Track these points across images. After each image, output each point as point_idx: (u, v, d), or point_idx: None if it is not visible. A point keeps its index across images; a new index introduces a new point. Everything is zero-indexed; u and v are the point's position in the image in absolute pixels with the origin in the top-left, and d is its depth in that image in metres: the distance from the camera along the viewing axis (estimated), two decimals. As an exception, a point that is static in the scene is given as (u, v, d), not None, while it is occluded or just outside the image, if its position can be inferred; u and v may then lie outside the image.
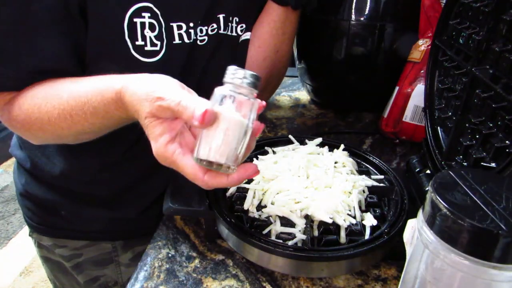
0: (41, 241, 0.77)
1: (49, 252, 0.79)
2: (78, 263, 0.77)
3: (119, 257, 0.78)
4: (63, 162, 0.69)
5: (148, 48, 0.57)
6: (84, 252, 0.76)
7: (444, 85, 0.57)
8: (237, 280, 0.49)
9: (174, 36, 0.60)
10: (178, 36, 0.60)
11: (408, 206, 0.53)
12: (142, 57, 0.57)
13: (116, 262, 0.78)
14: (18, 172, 0.77)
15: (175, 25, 0.59)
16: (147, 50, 0.57)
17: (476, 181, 0.34)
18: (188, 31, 0.61)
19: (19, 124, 0.58)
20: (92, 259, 0.77)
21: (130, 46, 0.56)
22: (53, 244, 0.76)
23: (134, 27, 0.55)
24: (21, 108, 0.56)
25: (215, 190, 0.55)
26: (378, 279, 0.50)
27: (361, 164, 0.63)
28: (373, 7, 0.81)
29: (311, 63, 0.94)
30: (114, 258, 0.78)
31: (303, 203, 0.51)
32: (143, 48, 0.57)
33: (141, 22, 0.56)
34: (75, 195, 0.72)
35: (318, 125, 0.90)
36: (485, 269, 0.29)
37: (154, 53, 0.58)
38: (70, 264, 0.77)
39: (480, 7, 0.49)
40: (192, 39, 0.61)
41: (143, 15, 0.55)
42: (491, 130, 0.45)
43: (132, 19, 0.55)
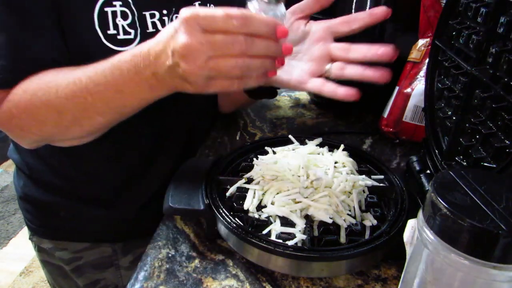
0: (41, 244, 0.77)
1: (49, 255, 0.78)
2: (78, 266, 0.77)
3: (119, 261, 0.77)
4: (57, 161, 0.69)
5: (121, 37, 0.57)
6: (84, 255, 0.76)
7: (444, 85, 0.57)
8: (237, 280, 0.49)
9: (147, 24, 0.59)
10: (152, 24, 0.59)
11: (408, 206, 0.53)
12: (115, 46, 0.57)
13: (116, 266, 0.78)
14: (17, 176, 0.76)
15: (147, 13, 0.58)
16: (120, 39, 0.57)
17: (476, 181, 0.34)
18: (161, 19, 0.60)
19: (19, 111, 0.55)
20: (92, 262, 0.76)
21: (101, 35, 0.56)
22: (53, 247, 0.76)
23: (105, 16, 0.55)
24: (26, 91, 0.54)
25: (215, 190, 0.55)
26: (378, 279, 0.50)
27: (361, 164, 0.63)
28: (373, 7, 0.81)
29: (311, 63, 0.94)
30: (114, 261, 0.77)
31: (303, 203, 0.51)
32: (115, 37, 0.56)
33: (112, 11, 0.55)
34: (73, 195, 0.72)
35: (318, 125, 0.90)
36: (485, 269, 0.29)
37: (128, 41, 0.57)
38: (70, 268, 0.77)
39: (480, 7, 0.49)
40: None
41: (114, 4, 0.55)
42: (491, 130, 0.45)
43: (103, 9, 0.55)
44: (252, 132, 0.86)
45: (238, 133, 0.85)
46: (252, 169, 0.59)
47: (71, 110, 0.53)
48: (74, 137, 0.59)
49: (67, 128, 0.56)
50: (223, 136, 0.84)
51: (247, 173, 0.58)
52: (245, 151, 0.65)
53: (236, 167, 0.62)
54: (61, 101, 0.52)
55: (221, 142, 0.82)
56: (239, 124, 0.89)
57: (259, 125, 0.89)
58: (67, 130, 0.57)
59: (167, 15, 0.60)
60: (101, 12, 0.55)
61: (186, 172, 0.60)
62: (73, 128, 0.56)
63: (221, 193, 0.56)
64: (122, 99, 0.52)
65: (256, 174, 0.57)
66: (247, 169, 0.60)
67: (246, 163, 0.62)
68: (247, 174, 0.58)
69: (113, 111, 0.54)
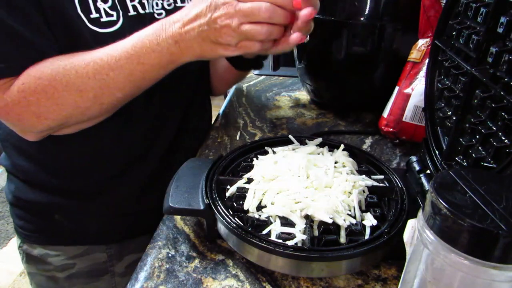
0: (32, 252, 0.74)
1: (41, 264, 0.75)
2: (71, 275, 0.74)
3: (114, 267, 0.76)
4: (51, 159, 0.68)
5: (104, 19, 0.57)
6: (77, 262, 0.74)
7: (444, 85, 0.57)
8: (237, 280, 0.49)
9: (128, 7, 0.60)
10: (132, 7, 0.60)
11: (408, 206, 0.53)
12: (100, 28, 0.57)
13: (111, 273, 0.76)
14: (8, 181, 0.75)
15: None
16: (103, 21, 0.57)
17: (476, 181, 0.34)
18: (141, 2, 0.61)
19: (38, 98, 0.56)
20: (85, 270, 0.74)
21: (85, 20, 0.56)
22: (45, 254, 0.74)
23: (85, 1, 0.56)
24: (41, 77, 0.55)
25: (215, 190, 0.55)
26: (378, 279, 0.50)
27: (361, 164, 0.63)
28: (373, 7, 0.81)
29: (311, 63, 0.94)
30: (109, 268, 0.76)
31: (303, 203, 0.51)
32: (99, 20, 0.57)
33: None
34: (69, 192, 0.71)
35: (318, 125, 0.90)
36: (485, 269, 0.29)
37: (111, 23, 0.58)
38: (63, 275, 0.74)
39: (480, 7, 0.49)
40: (147, 10, 0.62)
41: None
42: (491, 130, 0.45)
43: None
44: (252, 132, 0.86)
45: (238, 133, 0.85)
46: (252, 169, 0.59)
47: (93, 88, 0.56)
48: (91, 117, 0.60)
49: (87, 108, 0.58)
50: (223, 136, 0.84)
51: (247, 173, 0.58)
52: (245, 151, 0.65)
53: (236, 167, 0.62)
54: (83, 80, 0.55)
55: (221, 142, 0.82)
56: (239, 124, 0.90)
57: (259, 125, 0.89)
58: (87, 110, 0.58)
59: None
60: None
61: (186, 172, 0.60)
62: (93, 107, 0.58)
63: (221, 193, 0.56)
64: (143, 71, 0.56)
65: (256, 174, 0.57)
66: (247, 169, 0.60)
67: (246, 163, 0.62)
68: (247, 174, 0.58)
69: (132, 84, 0.57)
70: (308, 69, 0.95)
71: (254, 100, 1.02)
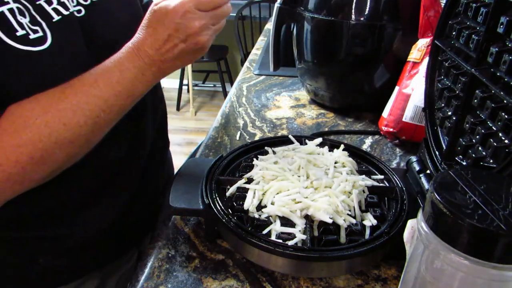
0: None
1: None
2: None
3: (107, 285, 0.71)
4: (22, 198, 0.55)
5: (32, 36, 0.49)
6: None
7: (444, 85, 0.57)
8: (237, 280, 0.49)
9: (50, 14, 0.52)
10: (54, 11, 0.52)
11: (408, 206, 0.53)
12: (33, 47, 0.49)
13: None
14: None
15: (42, 2, 0.51)
16: (32, 39, 0.49)
17: (476, 181, 0.34)
18: (60, 2, 0.53)
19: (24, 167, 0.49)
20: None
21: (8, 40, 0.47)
22: None
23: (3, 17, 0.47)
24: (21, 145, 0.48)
25: (215, 190, 0.55)
26: (378, 279, 0.50)
27: (361, 164, 0.63)
28: (373, 7, 0.81)
29: (311, 63, 0.94)
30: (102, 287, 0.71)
31: (303, 203, 0.51)
32: (28, 38, 0.49)
33: (8, 9, 0.48)
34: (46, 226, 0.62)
35: (318, 125, 0.90)
36: (485, 269, 0.29)
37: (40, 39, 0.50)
38: None
39: (480, 7, 0.49)
40: (71, 9, 0.55)
41: (6, 0, 0.47)
42: (491, 130, 0.45)
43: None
44: (252, 132, 0.86)
45: (238, 133, 0.85)
46: (252, 169, 0.59)
47: (85, 134, 0.52)
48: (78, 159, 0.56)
49: (78, 154, 0.55)
50: (223, 136, 0.84)
51: (247, 173, 0.58)
52: (245, 151, 0.65)
53: (236, 167, 0.62)
54: (74, 131, 0.51)
55: (221, 142, 0.82)
56: (239, 124, 0.90)
57: (259, 125, 0.89)
58: (77, 155, 0.55)
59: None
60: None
61: (186, 172, 0.60)
62: (83, 150, 0.55)
63: (221, 193, 0.56)
64: (133, 101, 0.56)
65: (256, 174, 0.57)
66: (247, 169, 0.60)
67: (246, 163, 0.62)
68: (247, 174, 0.58)
69: (121, 115, 0.56)
70: (308, 69, 0.95)
71: (254, 100, 1.02)
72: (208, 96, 3.87)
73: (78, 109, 0.50)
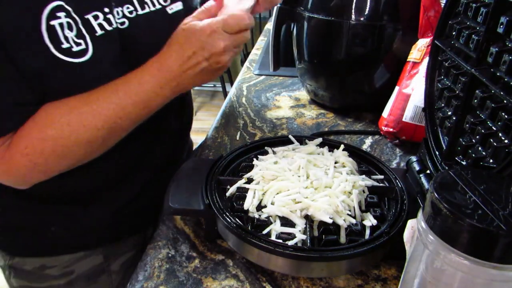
0: (23, 266, 0.72)
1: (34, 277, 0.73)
2: (70, 280, 0.74)
3: (110, 266, 0.76)
4: None
5: (75, 49, 0.54)
6: (76, 268, 0.73)
7: (444, 85, 0.57)
8: (237, 280, 0.49)
9: (94, 28, 0.56)
10: (99, 26, 0.56)
11: (408, 206, 0.53)
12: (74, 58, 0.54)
13: (107, 272, 0.76)
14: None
15: (90, 16, 0.56)
16: (75, 51, 0.54)
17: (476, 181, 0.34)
18: (106, 18, 0.57)
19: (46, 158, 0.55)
20: (84, 274, 0.74)
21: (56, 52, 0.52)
22: (41, 266, 0.72)
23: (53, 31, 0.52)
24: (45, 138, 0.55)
25: (215, 190, 0.55)
26: (378, 279, 0.50)
27: (361, 164, 0.63)
28: (373, 7, 0.81)
29: (311, 63, 0.94)
30: (105, 268, 0.76)
31: (303, 203, 0.51)
32: (71, 51, 0.54)
33: (59, 23, 0.52)
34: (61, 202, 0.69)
35: (318, 125, 0.90)
36: (485, 269, 0.29)
37: (82, 52, 0.55)
38: (62, 282, 0.73)
39: (480, 7, 0.49)
40: (114, 25, 0.58)
41: (58, 15, 0.52)
42: (491, 130, 0.45)
43: (49, 23, 0.51)
44: (252, 132, 0.86)
45: (238, 133, 0.85)
46: (252, 169, 0.59)
47: (102, 137, 0.57)
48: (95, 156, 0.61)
49: (94, 153, 0.60)
50: (223, 136, 0.84)
51: (247, 173, 0.58)
52: (245, 151, 0.65)
53: (236, 167, 0.62)
54: (92, 133, 0.56)
55: (221, 142, 0.82)
56: (239, 124, 0.90)
57: (259, 125, 0.89)
58: (94, 154, 0.60)
59: (110, 12, 0.58)
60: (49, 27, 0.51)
61: (186, 172, 0.60)
62: (100, 151, 0.60)
63: (221, 193, 0.56)
64: (149, 112, 0.60)
65: (256, 174, 0.57)
66: (247, 169, 0.60)
67: (246, 163, 0.62)
68: (247, 174, 0.58)
69: (138, 123, 0.60)
70: (308, 69, 0.95)
71: (254, 100, 1.02)
72: (208, 96, 3.87)
73: (97, 113, 0.56)
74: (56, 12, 0.52)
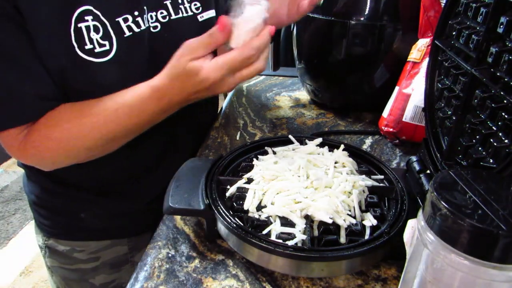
0: (57, 247, 0.77)
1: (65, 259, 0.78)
2: (95, 267, 0.78)
3: (134, 257, 0.80)
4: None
5: (98, 50, 0.57)
6: (101, 255, 0.78)
7: (444, 85, 0.57)
8: (237, 280, 0.49)
9: (123, 30, 0.59)
10: (127, 28, 0.60)
11: (408, 206, 0.53)
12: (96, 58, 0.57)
13: (131, 263, 0.80)
14: (30, 184, 0.77)
15: (120, 19, 0.59)
16: (97, 52, 0.57)
17: (476, 181, 0.34)
18: (135, 21, 0.60)
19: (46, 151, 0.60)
20: (109, 262, 0.79)
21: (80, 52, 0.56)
22: (71, 249, 0.77)
23: (80, 32, 0.55)
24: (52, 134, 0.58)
25: (215, 190, 0.55)
26: (378, 279, 0.50)
27: (361, 164, 0.63)
28: (373, 7, 0.81)
29: (311, 63, 0.94)
30: (129, 258, 0.80)
31: (303, 203, 0.51)
32: (93, 51, 0.57)
33: (86, 26, 0.56)
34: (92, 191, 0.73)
35: (318, 125, 0.90)
36: (485, 269, 0.29)
37: (105, 53, 0.58)
38: (89, 267, 0.78)
39: (480, 7, 0.49)
40: (143, 27, 0.61)
41: (86, 18, 0.56)
42: (491, 130, 0.45)
43: (77, 25, 0.55)
44: (252, 132, 0.86)
45: (238, 133, 0.85)
46: (252, 169, 0.59)
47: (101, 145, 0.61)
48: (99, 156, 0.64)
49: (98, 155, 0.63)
50: (223, 136, 0.84)
51: (247, 173, 0.58)
52: (245, 151, 0.65)
53: (236, 167, 0.62)
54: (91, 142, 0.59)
55: (221, 142, 0.82)
56: (239, 124, 0.90)
57: (259, 125, 0.89)
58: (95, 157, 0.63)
59: (140, 15, 0.61)
60: (76, 29, 0.55)
61: (186, 172, 0.60)
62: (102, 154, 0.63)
63: (221, 193, 0.56)
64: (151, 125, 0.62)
65: (256, 174, 0.57)
66: (247, 169, 0.60)
67: (246, 163, 0.62)
68: (247, 174, 0.58)
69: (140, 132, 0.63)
70: (308, 69, 0.95)
71: (254, 100, 1.02)
72: (208, 96, 3.86)
73: (97, 127, 0.58)
74: (84, 15, 0.55)
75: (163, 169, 0.75)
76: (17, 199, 2.40)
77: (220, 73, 0.55)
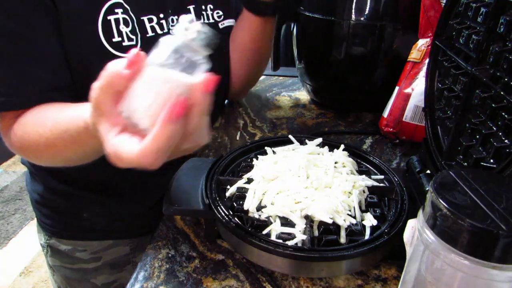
0: (59, 246, 0.78)
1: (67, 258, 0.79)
2: (97, 267, 0.79)
3: (136, 258, 0.81)
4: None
5: (126, 43, 0.58)
6: (103, 255, 0.78)
7: (444, 85, 0.57)
8: (237, 280, 0.49)
9: (146, 29, 0.60)
10: (151, 28, 0.60)
11: (408, 206, 0.53)
12: (121, 52, 0.57)
13: (133, 263, 0.81)
14: (33, 182, 0.77)
15: (145, 18, 0.59)
16: (125, 46, 0.58)
17: (476, 181, 0.34)
18: (159, 22, 0.61)
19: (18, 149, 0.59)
20: (110, 262, 0.79)
21: (106, 44, 0.56)
22: (73, 249, 0.77)
23: (108, 24, 0.56)
24: (16, 134, 0.57)
25: (215, 190, 0.55)
26: (378, 279, 0.50)
27: (361, 164, 0.63)
28: (373, 7, 0.81)
29: (311, 63, 0.94)
30: (131, 259, 0.80)
31: (303, 203, 0.51)
32: (121, 44, 0.57)
33: (115, 19, 0.56)
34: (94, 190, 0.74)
35: (318, 125, 0.90)
36: (485, 269, 0.29)
37: (132, 47, 0.57)
38: (90, 266, 0.79)
39: (480, 7, 0.49)
40: (166, 30, 0.62)
41: (116, 11, 0.56)
42: (491, 130, 0.45)
43: (106, 17, 0.56)
44: (252, 132, 0.86)
45: (238, 133, 0.85)
46: (252, 169, 0.59)
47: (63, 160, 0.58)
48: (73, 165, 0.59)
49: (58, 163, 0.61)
50: (223, 136, 0.84)
51: (247, 173, 0.58)
52: (245, 151, 0.65)
53: (236, 167, 0.62)
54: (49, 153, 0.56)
55: (221, 142, 0.82)
56: (239, 124, 0.90)
57: (259, 125, 0.89)
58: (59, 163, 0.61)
59: (164, 18, 0.61)
60: (105, 20, 0.56)
61: (186, 172, 0.60)
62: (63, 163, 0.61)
63: (221, 193, 0.56)
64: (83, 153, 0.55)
65: (256, 174, 0.57)
66: (247, 169, 0.60)
67: (246, 163, 0.62)
68: (247, 174, 0.58)
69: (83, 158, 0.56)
70: (308, 69, 0.95)
71: (254, 100, 1.02)
72: (208, 96, 3.86)
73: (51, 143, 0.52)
74: (114, 8, 0.56)
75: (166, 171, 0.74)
76: (17, 199, 2.40)
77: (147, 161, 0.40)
